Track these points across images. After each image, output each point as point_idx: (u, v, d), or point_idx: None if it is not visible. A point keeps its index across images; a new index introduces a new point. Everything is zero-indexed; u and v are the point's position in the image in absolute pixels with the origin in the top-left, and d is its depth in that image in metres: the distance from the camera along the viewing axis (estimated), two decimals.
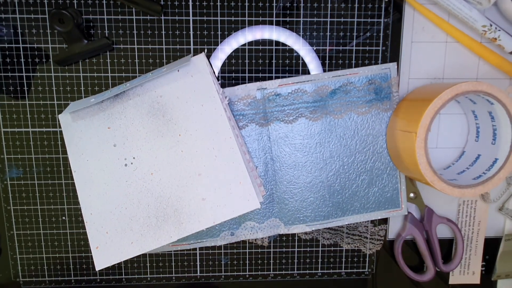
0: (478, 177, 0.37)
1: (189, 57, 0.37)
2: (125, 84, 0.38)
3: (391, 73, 0.39)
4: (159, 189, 0.38)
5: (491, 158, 0.37)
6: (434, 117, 0.34)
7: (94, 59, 0.39)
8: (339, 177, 0.41)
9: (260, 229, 0.41)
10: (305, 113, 0.39)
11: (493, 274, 0.45)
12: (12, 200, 0.41)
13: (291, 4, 0.38)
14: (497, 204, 0.44)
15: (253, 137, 0.40)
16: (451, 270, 0.43)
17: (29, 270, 0.42)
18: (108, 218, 0.38)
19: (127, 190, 0.38)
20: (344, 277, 0.44)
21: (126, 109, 0.37)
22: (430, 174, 0.35)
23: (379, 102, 0.40)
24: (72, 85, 0.39)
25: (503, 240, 0.44)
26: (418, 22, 0.39)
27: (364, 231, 0.43)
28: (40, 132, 0.40)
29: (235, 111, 0.39)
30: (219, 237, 0.41)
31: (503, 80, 0.41)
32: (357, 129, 0.40)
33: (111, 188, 0.38)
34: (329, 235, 0.43)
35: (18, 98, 0.39)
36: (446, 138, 0.42)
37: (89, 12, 0.38)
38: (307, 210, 0.41)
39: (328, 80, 0.39)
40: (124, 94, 0.37)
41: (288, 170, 0.40)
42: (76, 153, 0.38)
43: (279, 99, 0.39)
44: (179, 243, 0.41)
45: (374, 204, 0.41)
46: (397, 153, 0.38)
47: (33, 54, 0.38)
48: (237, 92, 0.39)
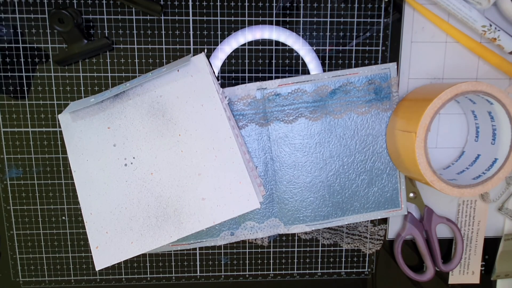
0: (478, 177, 0.37)
1: (189, 57, 0.37)
2: (125, 84, 0.38)
3: (391, 73, 0.39)
4: (159, 189, 0.38)
5: (491, 158, 0.37)
6: (434, 117, 0.34)
7: (94, 59, 0.39)
8: (339, 177, 0.41)
9: (260, 229, 0.41)
10: (305, 113, 0.39)
11: (493, 274, 0.45)
12: (12, 200, 0.41)
13: (291, 4, 0.38)
14: (496, 204, 0.44)
15: (253, 137, 0.40)
16: (451, 270, 0.43)
17: (29, 270, 0.42)
18: (108, 218, 0.38)
19: (127, 190, 0.38)
20: (343, 277, 0.44)
21: (126, 109, 0.37)
22: (430, 174, 0.35)
23: (378, 102, 0.40)
24: (72, 85, 0.39)
25: (502, 239, 0.44)
26: (418, 22, 0.39)
27: (364, 231, 0.43)
28: (40, 132, 0.40)
29: (235, 111, 0.39)
30: (219, 237, 0.41)
31: (503, 80, 0.41)
32: (357, 129, 0.40)
33: (110, 188, 0.38)
34: (329, 235, 0.43)
35: (18, 98, 0.39)
36: (445, 138, 0.42)
37: (89, 12, 0.38)
38: (307, 210, 0.41)
39: (328, 80, 0.39)
40: (123, 94, 0.37)
41: (288, 170, 0.40)
42: (76, 153, 0.38)
43: (279, 99, 0.39)
44: (179, 243, 0.41)
45: (374, 204, 0.41)
46: (396, 153, 0.38)
47: (33, 54, 0.38)
48: (237, 92, 0.39)
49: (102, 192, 0.38)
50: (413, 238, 0.43)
